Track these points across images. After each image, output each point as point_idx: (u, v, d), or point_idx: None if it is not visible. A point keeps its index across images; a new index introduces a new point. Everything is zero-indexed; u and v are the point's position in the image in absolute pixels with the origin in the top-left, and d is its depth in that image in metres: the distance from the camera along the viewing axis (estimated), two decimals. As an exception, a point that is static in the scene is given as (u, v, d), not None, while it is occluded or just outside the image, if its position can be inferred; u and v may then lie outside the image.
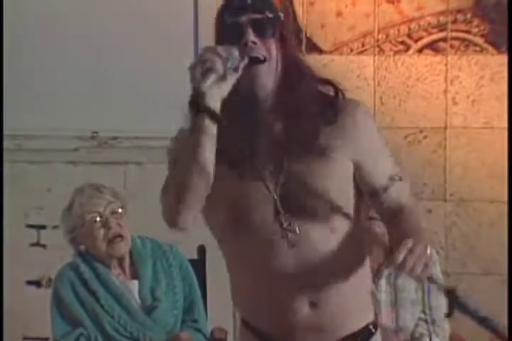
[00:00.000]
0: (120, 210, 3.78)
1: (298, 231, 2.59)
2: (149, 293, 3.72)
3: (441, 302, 3.76)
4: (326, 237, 2.61)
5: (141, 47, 5.53)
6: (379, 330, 2.79)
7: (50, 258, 5.60)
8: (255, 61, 2.56)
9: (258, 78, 2.58)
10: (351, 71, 5.49)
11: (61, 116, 5.63)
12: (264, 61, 2.57)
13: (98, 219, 3.74)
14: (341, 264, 2.65)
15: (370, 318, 2.78)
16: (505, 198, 5.34)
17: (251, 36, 2.57)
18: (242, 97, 2.59)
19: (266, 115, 2.61)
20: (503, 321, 3.76)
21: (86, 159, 5.69)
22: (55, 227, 5.61)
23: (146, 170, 5.52)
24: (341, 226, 2.64)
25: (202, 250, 4.03)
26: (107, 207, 3.76)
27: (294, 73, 2.62)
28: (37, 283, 5.72)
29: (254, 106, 2.61)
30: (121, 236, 3.74)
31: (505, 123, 5.20)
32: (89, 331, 3.65)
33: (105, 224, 3.74)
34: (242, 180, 2.61)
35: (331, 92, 2.68)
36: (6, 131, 5.67)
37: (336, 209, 2.61)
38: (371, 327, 2.76)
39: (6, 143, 5.63)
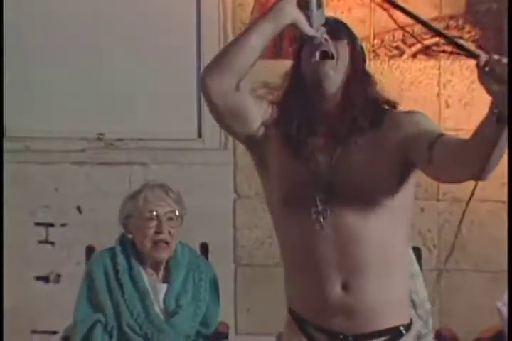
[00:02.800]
0: (176, 217, 3.75)
1: (329, 216, 2.63)
2: (174, 299, 3.70)
3: (419, 285, 3.77)
4: (361, 225, 2.64)
5: (147, 55, 5.52)
6: (410, 333, 2.78)
7: (57, 255, 5.63)
8: (325, 56, 2.67)
9: (326, 72, 2.66)
10: (348, 75, 5.50)
11: (68, 118, 5.63)
12: (332, 58, 2.67)
13: (153, 219, 3.71)
14: (375, 254, 2.66)
15: (406, 320, 2.78)
16: (495, 197, 5.35)
17: (324, 34, 2.67)
18: (309, 87, 2.70)
19: (327, 106, 2.70)
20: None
21: (92, 160, 5.68)
22: (63, 225, 5.66)
23: (150, 171, 5.51)
24: (380, 220, 2.65)
25: (204, 247, 4.04)
26: (166, 212, 3.74)
27: (360, 78, 2.73)
28: (45, 279, 5.71)
29: (319, 96, 2.69)
30: (167, 242, 3.72)
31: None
32: (108, 320, 3.64)
33: (158, 227, 3.72)
34: (294, 160, 2.69)
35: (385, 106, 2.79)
36: (14, 133, 5.69)
37: (377, 204, 2.63)
38: (402, 328, 2.75)
39: (14, 145, 5.65)
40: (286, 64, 2.83)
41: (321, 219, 2.64)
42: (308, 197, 2.65)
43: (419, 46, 5.50)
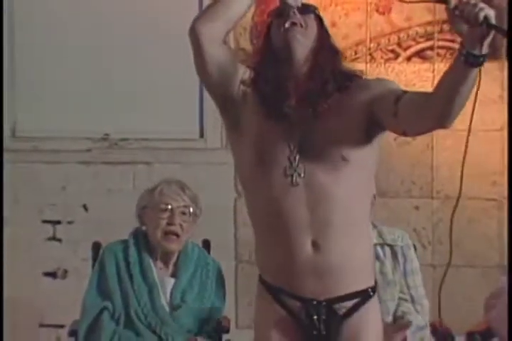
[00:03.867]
0: (190, 213, 3.78)
1: (302, 174, 2.68)
2: (180, 294, 3.73)
3: (418, 281, 3.80)
4: (331, 182, 2.69)
5: (151, 59, 5.56)
6: (376, 294, 2.83)
7: (65, 251, 5.66)
8: (293, 24, 2.75)
9: (294, 36, 2.74)
10: (345, 77, 5.52)
11: (74, 119, 5.65)
12: (301, 26, 2.76)
13: (167, 210, 3.74)
14: (343, 212, 2.70)
15: (371, 283, 2.82)
16: (486, 195, 5.40)
17: (294, 9, 2.76)
18: (280, 52, 2.77)
19: (299, 70, 2.76)
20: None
21: (98, 159, 5.71)
22: (70, 222, 5.69)
23: (153, 170, 5.54)
24: (347, 175, 2.70)
25: (207, 244, 4.07)
26: (181, 205, 3.77)
27: (328, 49, 2.82)
28: (53, 275, 5.73)
29: (290, 61, 2.76)
30: (177, 234, 3.75)
31: (486, 126, 5.27)
32: (116, 308, 3.66)
33: (170, 218, 3.75)
34: (268, 119, 2.75)
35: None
36: (23, 133, 5.72)
37: (344, 160, 2.69)
38: (370, 290, 2.80)
39: (23, 145, 5.69)
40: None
41: (295, 176, 2.69)
42: (281, 155, 2.71)
43: (413, 49, 5.53)
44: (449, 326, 3.88)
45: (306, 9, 2.80)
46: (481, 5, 2.32)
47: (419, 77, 5.50)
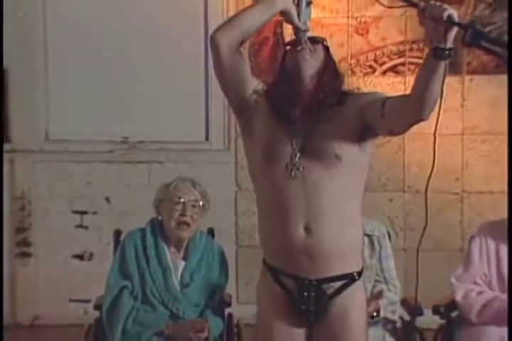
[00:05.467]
0: (199, 206, 3.77)
1: (301, 168, 2.69)
2: (189, 274, 3.71)
3: (391, 265, 3.79)
4: (324, 177, 2.69)
5: (164, 75, 5.56)
6: (362, 278, 2.80)
7: (90, 237, 5.66)
8: (303, 48, 2.76)
9: (303, 56, 2.74)
10: (329, 89, 5.52)
11: (99, 125, 5.66)
12: (309, 50, 2.75)
13: (180, 203, 3.73)
14: (334, 203, 2.70)
15: (358, 267, 2.80)
16: (451, 190, 5.39)
17: (305, 37, 2.76)
18: (291, 71, 2.77)
19: (305, 86, 2.75)
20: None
21: (118, 159, 5.71)
22: (95, 213, 5.69)
23: (166, 168, 5.54)
24: (339, 172, 2.70)
25: (211, 231, 4.05)
26: (192, 199, 3.75)
27: (330, 70, 2.79)
28: (80, 257, 5.73)
29: (298, 77, 2.75)
30: (188, 224, 3.73)
31: (449, 131, 5.26)
32: (134, 286, 3.65)
33: (182, 210, 3.73)
34: (277, 124, 2.75)
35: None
36: (55, 137, 5.72)
37: (337, 158, 2.68)
38: (356, 274, 2.78)
39: (55, 146, 5.69)
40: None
41: (294, 170, 2.70)
42: (284, 152, 2.72)
43: (388, 65, 5.52)
44: (419, 300, 3.86)
45: (315, 39, 2.81)
46: (445, 6, 2.39)
47: (393, 89, 5.49)
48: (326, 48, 2.83)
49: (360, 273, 2.80)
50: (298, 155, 2.71)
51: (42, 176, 5.72)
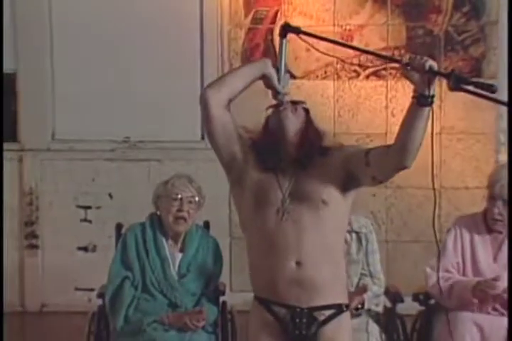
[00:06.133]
0: (195, 202, 3.76)
1: (290, 211, 2.70)
2: (186, 265, 3.70)
3: (376, 260, 3.80)
4: (313, 220, 2.70)
5: (163, 80, 5.56)
6: (347, 311, 2.80)
7: (94, 230, 5.66)
8: (287, 111, 2.79)
9: (286, 114, 2.78)
10: (317, 92, 5.53)
11: (102, 125, 5.65)
12: (292, 112, 2.78)
13: (177, 199, 3.72)
14: (321, 242, 2.71)
15: (345, 300, 2.80)
16: (429, 185, 5.38)
17: (286, 99, 2.80)
18: (275, 128, 2.79)
19: (290, 141, 2.77)
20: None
21: (120, 157, 5.71)
22: (98, 207, 5.69)
23: (164, 166, 5.54)
24: (325, 215, 2.71)
25: (207, 224, 4.05)
26: (188, 195, 3.74)
27: (312, 129, 2.81)
28: (84, 249, 5.73)
29: (283, 135, 2.77)
30: (184, 219, 3.72)
31: (429, 130, 5.25)
32: (135, 276, 3.64)
33: (180, 205, 3.72)
34: (266, 173, 2.76)
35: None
36: (61, 136, 5.72)
37: (324, 203, 2.69)
38: (344, 306, 2.78)
39: (61, 145, 5.69)
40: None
41: (285, 214, 2.70)
42: (275, 198, 2.73)
43: (371, 70, 5.53)
44: (399, 288, 3.88)
45: (296, 102, 2.83)
46: (425, 58, 2.44)
47: (375, 92, 5.51)
48: (306, 110, 2.84)
49: (347, 306, 2.81)
50: (288, 200, 2.72)
51: (49, 173, 5.72)
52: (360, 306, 3.62)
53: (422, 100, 2.46)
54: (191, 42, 5.54)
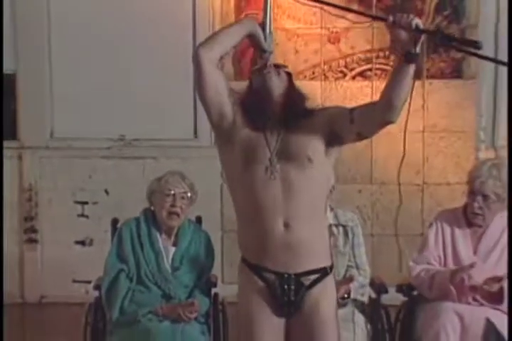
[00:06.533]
0: (188, 198, 3.75)
1: (278, 170, 2.70)
2: (179, 258, 3.70)
3: (362, 252, 3.80)
4: (299, 177, 2.70)
5: (157, 82, 5.55)
6: (332, 272, 2.82)
7: (91, 225, 5.66)
8: (271, 74, 2.79)
9: (270, 77, 2.79)
10: (305, 92, 5.52)
11: (98, 124, 5.64)
12: (276, 75, 2.79)
13: (170, 195, 3.71)
14: (309, 200, 2.71)
15: (329, 262, 2.81)
16: (413, 182, 5.41)
17: (270, 60, 2.83)
18: (260, 89, 2.80)
19: (275, 101, 2.77)
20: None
21: (116, 155, 5.69)
22: (95, 203, 5.69)
23: (159, 163, 5.54)
24: (311, 173, 2.71)
25: (199, 219, 4.05)
26: (181, 191, 3.74)
27: (295, 92, 2.82)
28: (82, 243, 5.72)
29: (268, 95, 2.78)
30: (177, 214, 3.72)
31: (411, 129, 5.26)
32: (130, 269, 3.64)
33: (173, 201, 3.71)
34: (254, 131, 2.76)
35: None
36: (60, 135, 5.71)
37: (309, 161, 2.70)
38: (328, 268, 2.79)
39: (60, 143, 5.68)
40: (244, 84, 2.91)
41: (274, 172, 2.70)
42: (264, 157, 2.72)
43: (357, 70, 5.53)
44: (384, 280, 3.88)
45: (279, 65, 2.84)
46: (411, 16, 2.44)
47: (361, 92, 5.51)
48: (289, 74, 2.84)
49: (331, 268, 2.81)
50: (275, 159, 2.72)
51: (47, 170, 5.71)
52: (346, 296, 3.62)
53: (408, 57, 2.46)
54: (185, 43, 5.52)
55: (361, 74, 5.53)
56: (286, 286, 2.73)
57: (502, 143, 5.50)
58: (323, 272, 2.77)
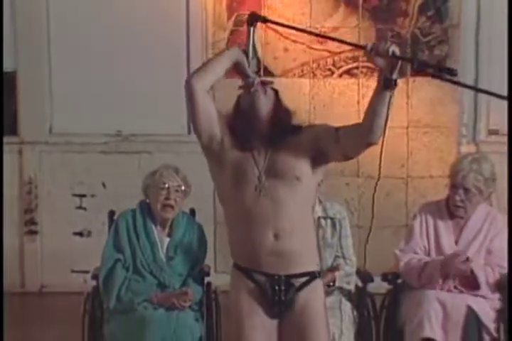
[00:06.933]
0: (182, 191, 3.75)
1: (267, 188, 2.71)
2: (173, 248, 3.69)
3: (349, 243, 3.80)
4: (288, 194, 2.71)
5: (152, 81, 5.55)
6: (320, 278, 2.83)
7: (89, 217, 5.66)
8: (258, 93, 2.79)
9: (258, 96, 2.78)
10: (294, 89, 5.52)
11: (96, 120, 5.64)
12: (262, 94, 2.79)
13: (165, 188, 3.71)
14: (296, 214, 2.72)
15: (318, 268, 2.84)
16: (397, 175, 5.43)
17: (258, 80, 2.81)
18: (248, 109, 2.79)
19: (262, 121, 2.78)
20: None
21: (113, 150, 5.70)
22: (93, 196, 5.69)
23: (154, 157, 5.53)
24: (298, 189, 2.72)
25: (193, 211, 4.05)
26: (175, 184, 3.73)
27: (281, 109, 2.82)
28: (80, 234, 5.72)
29: (255, 114, 2.78)
30: (172, 206, 3.71)
31: (396, 124, 5.28)
32: (126, 259, 3.64)
33: (167, 194, 3.71)
34: (242, 152, 2.77)
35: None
36: (58, 131, 5.71)
37: (297, 179, 2.71)
38: (317, 273, 2.81)
39: (58, 139, 5.68)
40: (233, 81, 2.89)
41: (263, 190, 2.71)
42: (252, 176, 2.73)
43: (344, 68, 5.54)
44: (370, 269, 3.89)
45: (265, 82, 2.82)
46: (389, 43, 2.43)
47: (348, 89, 5.52)
48: (275, 91, 2.84)
49: (320, 273, 2.83)
50: (264, 177, 2.73)
51: (47, 164, 5.71)
52: (331, 284, 3.64)
53: (386, 83, 2.44)
54: (178, 43, 5.54)
55: (348, 72, 5.54)
56: (276, 287, 2.74)
57: (483, 138, 5.53)
58: (312, 275, 2.78)
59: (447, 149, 5.52)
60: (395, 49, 2.41)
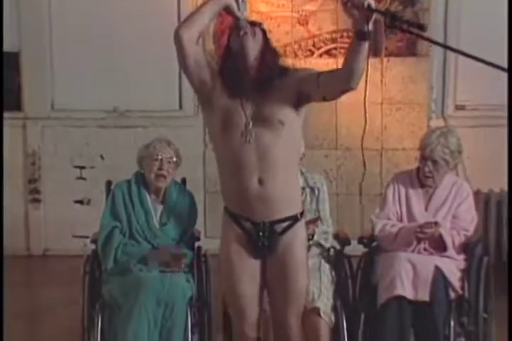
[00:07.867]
0: (173, 162, 3.71)
1: (253, 135, 2.67)
2: (166, 215, 3.67)
3: (326, 206, 3.78)
4: (272, 140, 2.68)
5: (148, 56, 5.52)
6: (303, 218, 2.83)
7: (88, 186, 5.65)
8: (247, 36, 2.72)
9: (246, 40, 2.72)
10: (277, 68, 5.48)
11: (94, 97, 5.61)
12: (252, 36, 2.73)
13: (158, 160, 3.67)
14: (280, 159, 2.70)
15: (300, 209, 2.83)
16: (373, 147, 5.42)
17: (244, 21, 2.75)
18: (237, 53, 2.73)
19: (251, 65, 2.72)
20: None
21: (110, 124, 5.67)
22: (92, 167, 5.68)
23: (148, 131, 5.49)
24: (283, 134, 2.69)
25: (184, 180, 4.02)
26: (167, 156, 3.69)
27: (269, 49, 2.77)
28: (81, 202, 5.71)
29: (244, 58, 2.72)
30: (164, 176, 3.68)
31: (372, 100, 5.26)
32: (122, 226, 3.62)
33: (160, 165, 3.67)
34: (231, 99, 2.72)
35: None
36: (60, 106, 5.68)
37: (281, 123, 2.68)
38: (299, 215, 2.81)
39: (60, 114, 5.67)
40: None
41: (248, 137, 2.68)
42: (239, 122, 2.70)
43: (324, 49, 5.50)
44: (347, 233, 3.89)
45: (254, 23, 2.78)
46: None
47: (328, 68, 5.31)
48: (264, 31, 2.78)
49: (301, 214, 2.82)
50: (250, 123, 2.68)
51: (49, 138, 5.69)
52: (311, 237, 3.62)
53: (360, 35, 2.39)
54: (170, 22, 5.46)
55: (327, 52, 5.50)
56: (261, 233, 2.74)
57: (450, 113, 5.53)
58: (295, 219, 2.78)
59: (418, 124, 5.51)
60: (370, 2, 2.36)
